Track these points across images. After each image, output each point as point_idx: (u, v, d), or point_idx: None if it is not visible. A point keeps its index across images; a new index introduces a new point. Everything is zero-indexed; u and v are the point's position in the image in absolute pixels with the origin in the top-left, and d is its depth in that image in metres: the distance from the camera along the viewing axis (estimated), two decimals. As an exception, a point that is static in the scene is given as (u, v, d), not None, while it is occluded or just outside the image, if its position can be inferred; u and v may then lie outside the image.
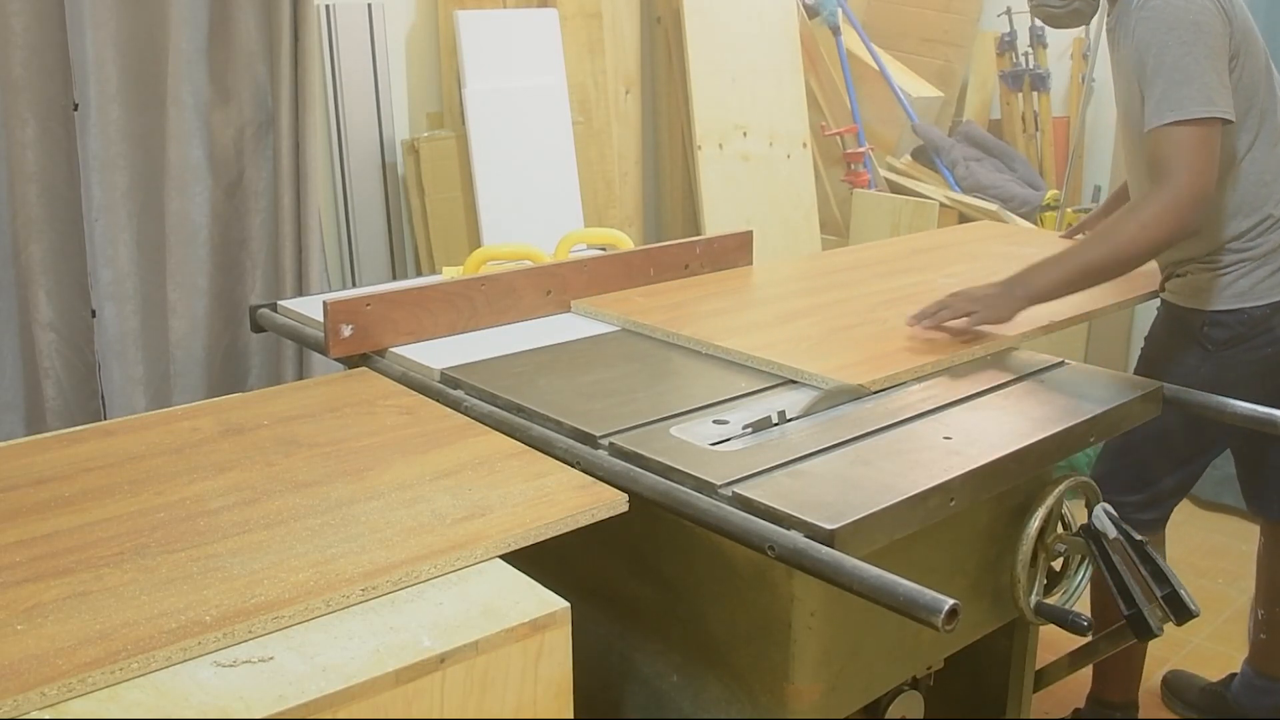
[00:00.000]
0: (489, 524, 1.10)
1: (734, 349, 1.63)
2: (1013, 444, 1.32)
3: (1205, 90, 1.66)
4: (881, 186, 3.86)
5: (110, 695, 0.85)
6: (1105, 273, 1.71)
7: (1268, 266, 1.82)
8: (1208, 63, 1.67)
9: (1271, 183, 1.82)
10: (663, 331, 1.73)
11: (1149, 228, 1.67)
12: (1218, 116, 1.67)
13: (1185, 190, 1.65)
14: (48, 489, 1.19)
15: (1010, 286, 1.71)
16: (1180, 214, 1.66)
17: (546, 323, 1.84)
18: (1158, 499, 1.93)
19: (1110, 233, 1.71)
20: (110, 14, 2.51)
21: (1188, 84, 1.67)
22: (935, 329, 1.68)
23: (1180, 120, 1.66)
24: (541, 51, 3.17)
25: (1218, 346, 1.84)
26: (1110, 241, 1.70)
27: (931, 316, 1.69)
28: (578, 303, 1.89)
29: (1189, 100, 1.66)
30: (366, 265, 3.14)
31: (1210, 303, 1.84)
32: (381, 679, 0.88)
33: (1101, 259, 1.69)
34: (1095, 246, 1.71)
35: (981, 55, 4.24)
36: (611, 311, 1.83)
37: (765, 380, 1.54)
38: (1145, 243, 1.68)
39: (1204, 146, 1.66)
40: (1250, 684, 2.23)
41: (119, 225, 2.59)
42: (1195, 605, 1.46)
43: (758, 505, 1.14)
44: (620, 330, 1.79)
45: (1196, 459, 1.95)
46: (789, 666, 1.24)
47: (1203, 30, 1.68)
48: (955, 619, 0.95)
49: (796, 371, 1.53)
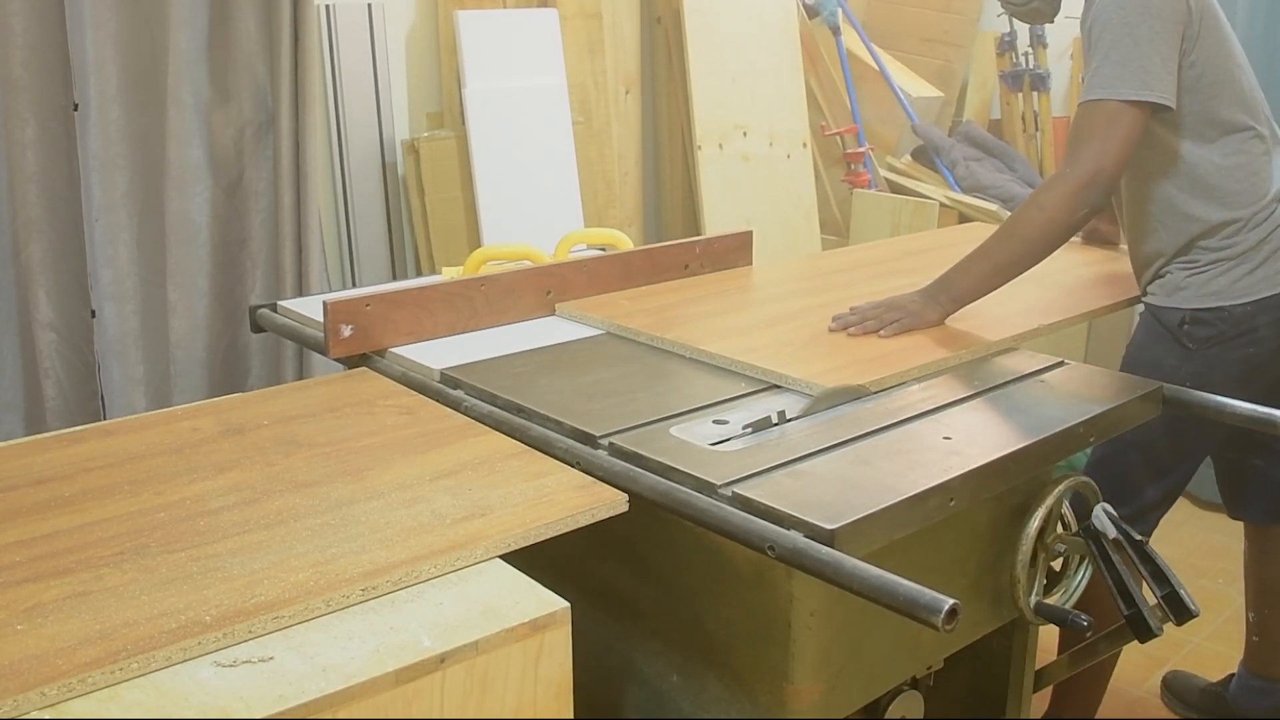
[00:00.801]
0: (489, 524, 1.10)
1: (718, 353, 1.61)
2: (1013, 444, 1.32)
3: (1139, 73, 1.65)
4: (881, 186, 3.86)
5: (110, 695, 0.85)
6: (1020, 263, 1.72)
7: (1246, 265, 1.79)
8: (1149, 46, 1.66)
9: (1242, 182, 1.79)
10: (647, 335, 1.71)
11: (1050, 213, 1.68)
12: (1147, 100, 1.65)
13: (1087, 169, 1.65)
14: (48, 489, 1.19)
15: (933, 292, 1.74)
16: (1080, 195, 1.66)
17: (530, 326, 1.83)
18: (1143, 511, 1.89)
19: (1017, 223, 1.72)
20: (110, 14, 2.51)
21: (1124, 64, 1.66)
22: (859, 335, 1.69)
23: (1104, 98, 1.66)
24: (541, 51, 3.17)
25: (1199, 345, 1.81)
26: (1018, 233, 1.71)
27: (857, 325, 1.70)
28: (562, 305, 1.87)
29: (1118, 80, 1.66)
30: (366, 265, 3.14)
31: (1189, 300, 1.81)
32: (381, 679, 0.88)
33: (1013, 251, 1.71)
34: (1005, 240, 1.73)
35: (981, 55, 4.24)
36: (596, 315, 1.81)
37: (750, 385, 1.52)
38: (1051, 228, 1.69)
39: (1120, 127, 1.66)
40: (1246, 685, 2.23)
41: (119, 225, 2.59)
42: (1195, 605, 1.46)
43: (757, 505, 1.14)
44: (605, 334, 1.77)
45: (1179, 467, 1.91)
46: (789, 666, 1.24)
47: (1150, 13, 1.67)
48: (955, 619, 0.95)
49: (780, 376, 1.52)
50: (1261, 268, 1.79)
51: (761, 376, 1.53)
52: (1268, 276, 1.79)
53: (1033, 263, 1.73)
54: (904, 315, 1.71)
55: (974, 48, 4.25)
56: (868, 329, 1.70)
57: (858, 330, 1.70)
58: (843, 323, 1.72)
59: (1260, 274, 1.79)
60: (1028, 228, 1.70)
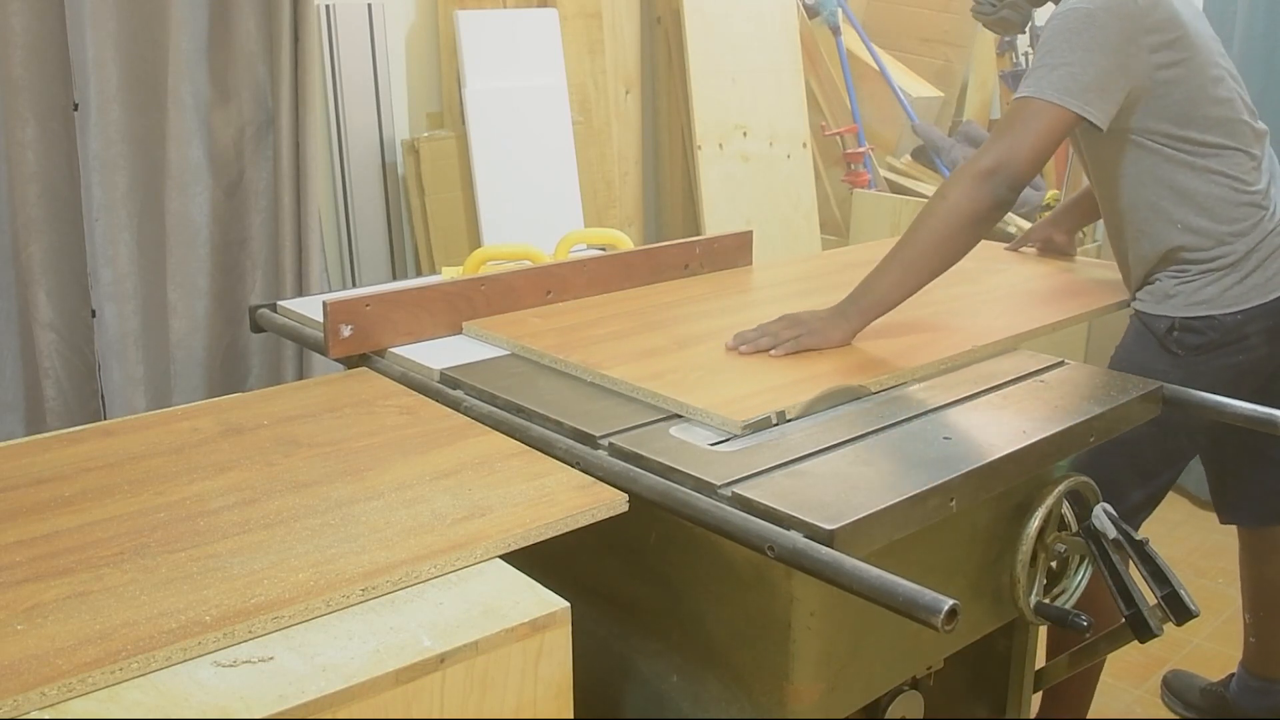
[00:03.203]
0: (489, 524, 1.10)
1: (618, 378, 1.48)
2: (1013, 444, 1.32)
3: (1067, 79, 1.65)
4: (881, 186, 3.86)
5: (110, 695, 0.85)
6: (928, 259, 1.63)
7: (1235, 274, 1.78)
8: (1085, 55, 1.65)
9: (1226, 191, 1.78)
10: (550, 357, 1.58)
11: (952, 201, 1.62)
12: (1068, 109, 1.64)
13: (992, 159, 1.61)
14: (48, 489, 1.19)
15: (841, 307, 1.63)
16: (982, 183, 1.60)
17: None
18: (1127, 514, 1.84)
19: (921, 216, 1.66)
20: (110, 14, 2.51)
21: (1054, 68, 1.65)
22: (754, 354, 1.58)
23: (1029, 95, 1.66)
24: (541, 51, 3.17)
25: (1188, 352, 1.80)
26: (922, 226, 1.64)
27: (751, 343, 1.59)
28: (469, 324, 1.74)
29: (1045, 82, 1.65)
30: (366, 265, 3.14)
31: (1178, 309, 1.80)
32: (381, 679, 0.88)
33: (919, 247, 1.63)
34: (910, 236, 1.65)
35: (981, 55, 4.24)
36: (501, 334, 1.69)
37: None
38: (954, 217, 1.61)
39: (1038, 124, 1.64)
40: (1246, 686, 2.23)
41: (119, 225, 2.60)
42: (1195, 605, 1.46)
43: (757, 505, 1.14)
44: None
45: (1164, 472, 1.90)
46: (789, 666, 1.24)
47: (1095, 25, 1.66)
48: (955, 619, 0.95)
49: (680, 405, 1.40)
50: (1251, 277, 1.79)
51: (662, 405, 1.42)
52: (1257, 285, 1.79)
53: (942, 258, 1.63)
54: (803, 332, 1.59)
55: (974, 48, 4.25)
56: (760, 346, 1.58)
57: (749, 349, 1.58)
58: (740, 339, 1.61)
59: (1250, 283, 1.79)
60: (931, 219, 1.63)
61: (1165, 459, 1.90)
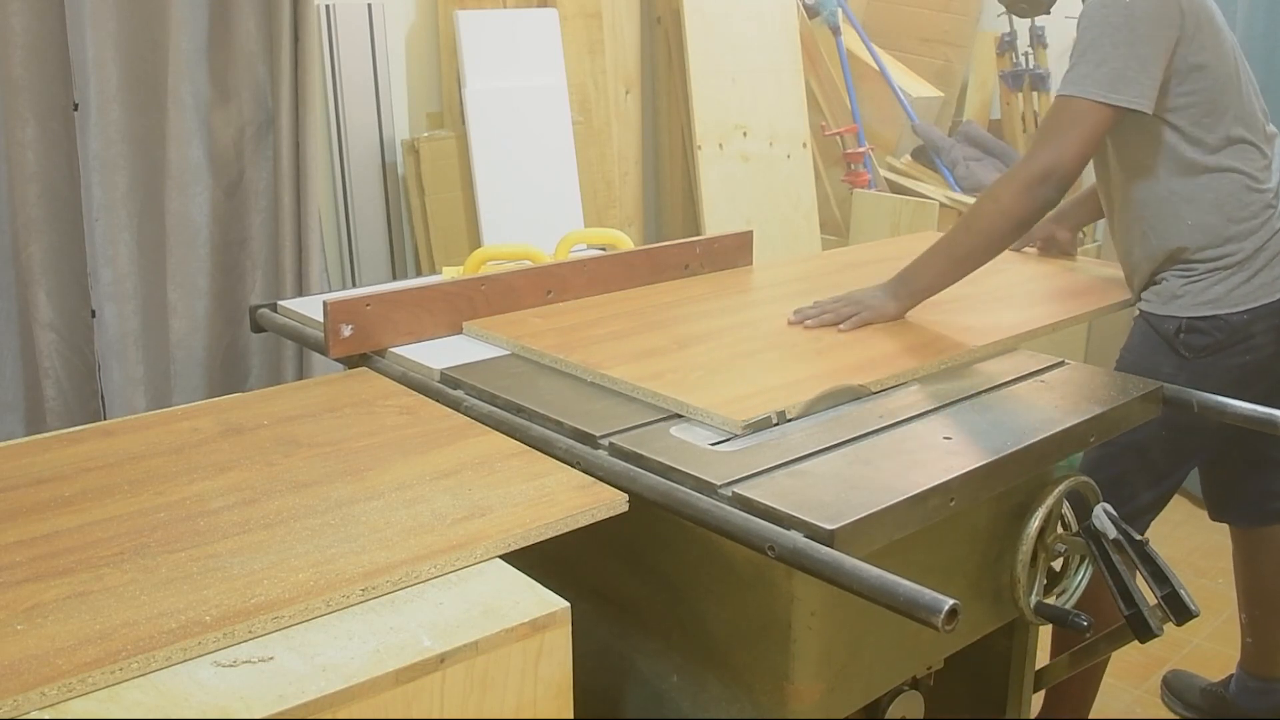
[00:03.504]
0: (489, 524, 1.10)
1: (619, 377, 1.48)
2: (1013, 444, 1.32)
3: (1110, 75, 1.65)
4: (881, 186, 3.86)
5: (110, 695, 0.85)
6: (976, 256, 1.73)
7: (1243, 273, 1.78)
8: (1126, 49, 1.66)
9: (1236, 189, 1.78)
10: (550, 357, 1.58)
11: (1004, 205, 1.69)
12: (1113, 104, 1.65)
13: (1043, 164, 1.66)
14: (48, 489, 1.19)
15: (893, 287, 1.75)
16: (1033, 189, 1.66)
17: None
18: (1135, 515, 1.87)
19: (973, 217, 1.73)
20: (110, 14, 2.51)
21: (1097, 64, 1.66)
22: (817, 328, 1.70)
23: (1073, 95, 1.67)
24: (541, 51, 3.17)
25: (1195, 354, 1.79)
26: (974, 226, 1.72)
27: (816, 318, 1.71)
28: (469, 324, 1.73)
29: (1088, 79, 1.66)
30: (366, 265, 3.14)
31: (1186, 309, 1.80)
32: (381, 679, 0.88)
33: (969, 245, 1.73)
34: (962, 233, 1.74)
35: (981, 55, 4.24)
36: (502, 334, 1.68)
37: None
38: (1004, 222, 1.69)
39: (1083, 126, 1.66)
40: (1245, 686, 2.23)
41: (119, 225, 2.59)
42: (1195, 605, 1.46)
43: (757, 505, 1.14)
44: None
45: (1174, 473, 1.91)
46: (789, 666, 1.24)
47: (1134, 17, 1.67)
48: (955, 619, 0.95)
49: (680, 404, 1.39)
50: (1258, 275, 1.78)
51: (663, 404, 1.41)
52: (1265, 284, 1.79)
53: (988, 256, 1.73)
54: (863, 309, 1.71)
55: (974, 48, 4.25)
56: (825, 321, 1.70)
57: (814, 323, 1.70)
58: (802, 315, 1.72)
59: (1257, 281, 1.78)
60: (982, 221, 1.71)
61: (1176, 459, 1.90)
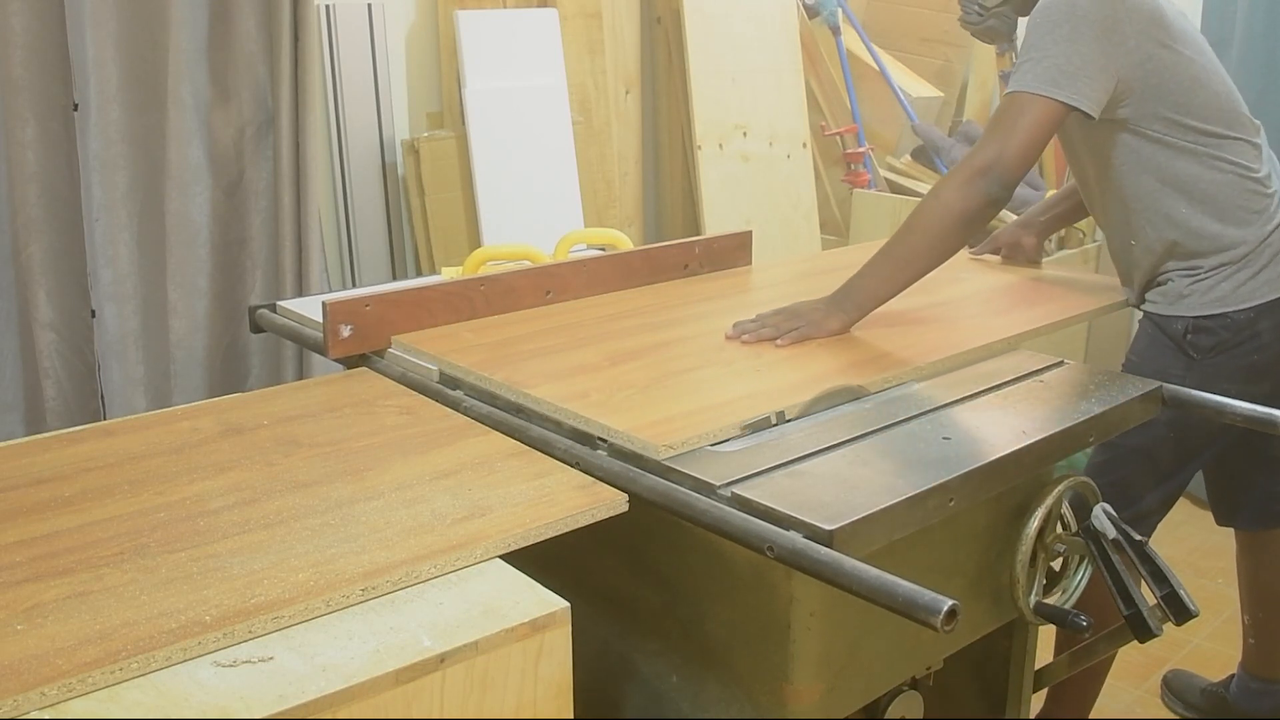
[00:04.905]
0: (489, 524, 1.10)
1: (540, 397, 1.41)
2: (1013, 444, 1.32)
3: (1052, 71, 1.65)
4: (881, 186, 3.86)
5: (110, 695, 0.86)
6: (921, 257, 1.66)
7: (1249, 269, 1.78)
8: (1068, 45, 1.65)
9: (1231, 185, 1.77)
10: (475, 375, 1.51)
11: (945, 200, 1.64)
12: (1056, 100, 1.64)
13: (985, 158, 1.63)
14: (48, 489, 1.19)
15: (837, 299, 1.67)
16: (975, 182, 1.63)
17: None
18: (1142, 516, 1.87)
19: (914, 215, 1.68)
20: (110, 14, 2.51)
21: (1039, 61, 1.66)
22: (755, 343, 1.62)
23: (1016, 90, 1.66)
24: (541, 51, 3.17)
25: (1202, 354, 1.79)
26: (915, 224, 1.67)
27: (753, 333, 1.64)
28: (398, 338, 1.67)
29: (1030, 75, 1.66)
30: (366, 265, 3.14)
31: (1193, 308, 1.79)
32: (381, 679, 0.88)
33: (912, 245, 1.67)
34: (904, 233, 1.68)
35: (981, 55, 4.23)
36: (429, 349, 1.62)
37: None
38: (946, 217, 1.64)
39: (1026, 119, 1.65)
40: (1246, 687, 2.24)
41: (119, 225, 2.60)
42: (1195, 605, 1.46)
43: (757, 506, 1.14)
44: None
45: (1179, 473, 1.90)
46: (788, 667, 1.24)
47: (1076, 16, 1.66)
48: (955, 619, 0.95)
49: (602, 428, 1.32)
50: (1264, 271, 1.78)
51: (584, 427, 1.34)
52: (1270, 280, 1.78)
53: (935, 257, 1.67)
54: (803, 324, 1.64)
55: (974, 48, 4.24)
56: (763, 336, 1.63)
57: (751, 338, 1.63)
58: (740, 329, 1.65)
59: (1263, 278, 1.78)
60: (924, 219, 1.66)
61: (1182, 460, 1.89)
